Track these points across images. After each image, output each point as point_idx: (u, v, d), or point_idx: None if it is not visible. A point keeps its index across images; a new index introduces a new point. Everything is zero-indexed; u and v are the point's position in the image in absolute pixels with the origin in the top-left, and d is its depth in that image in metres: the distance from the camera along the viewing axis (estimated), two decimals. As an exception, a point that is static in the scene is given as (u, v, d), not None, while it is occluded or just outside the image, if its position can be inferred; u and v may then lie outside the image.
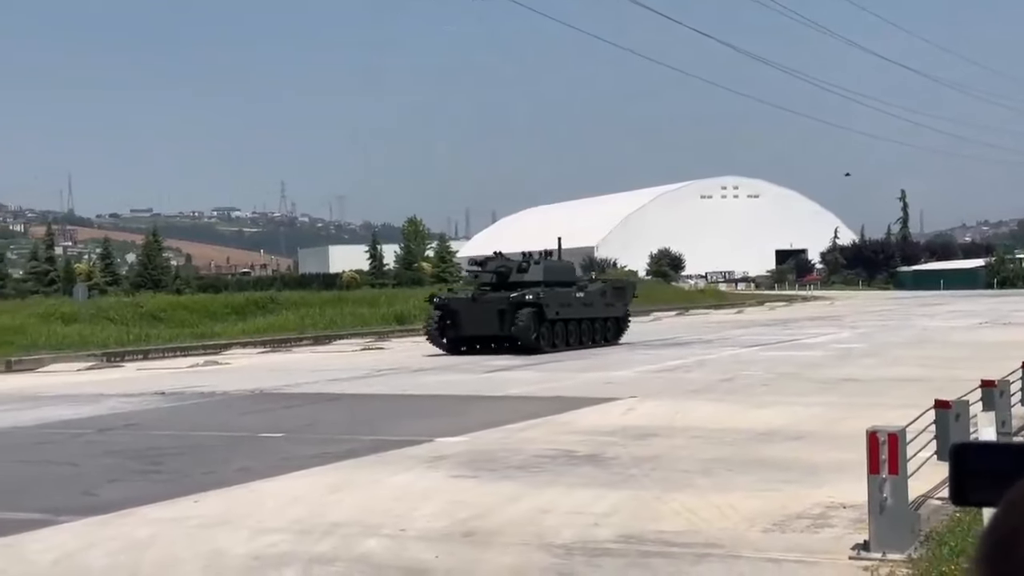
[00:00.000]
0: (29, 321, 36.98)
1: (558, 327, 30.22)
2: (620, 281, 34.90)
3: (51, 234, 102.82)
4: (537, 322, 29.16)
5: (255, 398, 19.91)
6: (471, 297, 30.52)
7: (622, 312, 33.57)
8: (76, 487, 10.97)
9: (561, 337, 30.24)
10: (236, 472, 11.51)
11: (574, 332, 30.92)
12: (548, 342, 29.58)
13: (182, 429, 15.67)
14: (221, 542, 8.30)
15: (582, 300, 31.52)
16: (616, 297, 33.37)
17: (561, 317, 30.25)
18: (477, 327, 29.82)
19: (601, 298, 32.49)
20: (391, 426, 15.22)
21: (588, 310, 31.71)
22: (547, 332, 29.67)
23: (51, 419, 17.20)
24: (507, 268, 31.33)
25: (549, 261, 32.21)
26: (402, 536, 8.38)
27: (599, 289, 33.20)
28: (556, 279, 31.36)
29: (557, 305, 30.03)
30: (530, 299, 29.21)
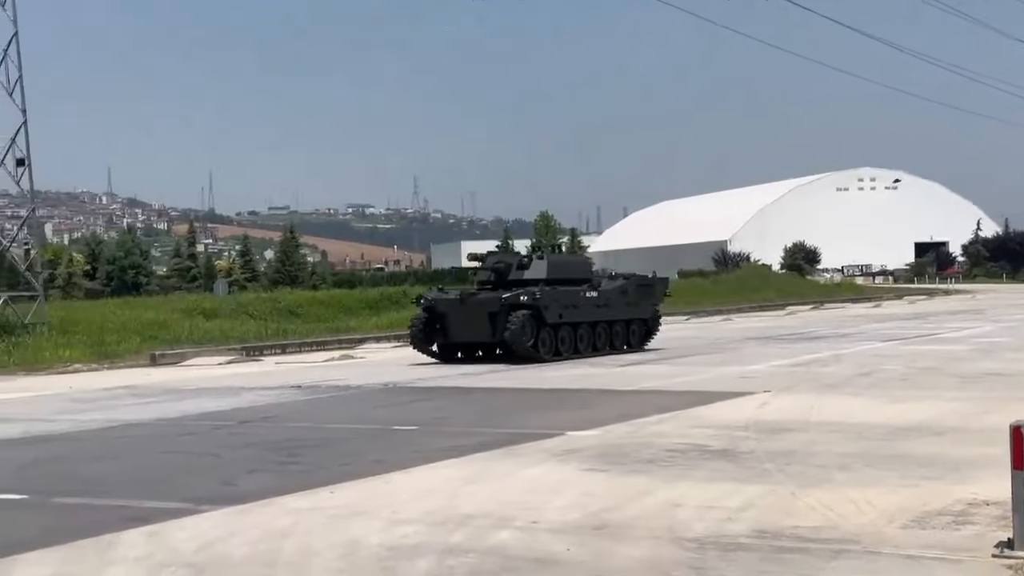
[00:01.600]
0: (172, 316, 38.01)
1: (563, 332, 26.42)
2: (646, 277, 30.63)
3: (193, 232, 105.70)
4: (534, 326, 25.57)
5: (389, 391, 20.17)
6: (459, 298, 26.75)
7: (649, 313, 29.33)
8: (217, 477, 11.25)
9: (568, 343, 26.51)
10: (371, 463, 11.67)
11: (585, 337, 27.02)
12: (549, 349, 25.94)
13: (318, 421, 15.97)
14: (356, 532, 8.43)
15: (594, 300, 27.48)
16: (641, 295, 29.10)
17: (566, 320, 26.42)
18: (466, 332, 26.47)
19: (621, 297, 28.32)
20: (523, 419, 15.28)
21: (603, 311, 27.65)
22: (548, 338, 25.95)
23: (193, 411, 17.66)
24: (506, 265, 27.78)
25: (555, 256, 29.11)
26: (534, 528, 8.40)
27: (617, 287, 28.64)
28: (563, 276, 27.56)
29: (559, 307, 26.29)
30: (524, 300, 25.60)
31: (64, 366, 28.09)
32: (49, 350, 29.73)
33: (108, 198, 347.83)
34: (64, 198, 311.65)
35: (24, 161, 32.85)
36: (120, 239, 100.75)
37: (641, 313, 28.99)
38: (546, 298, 25.89)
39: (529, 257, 28.25)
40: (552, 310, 25.96)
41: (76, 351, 29.94)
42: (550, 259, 28.13)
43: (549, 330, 25.95)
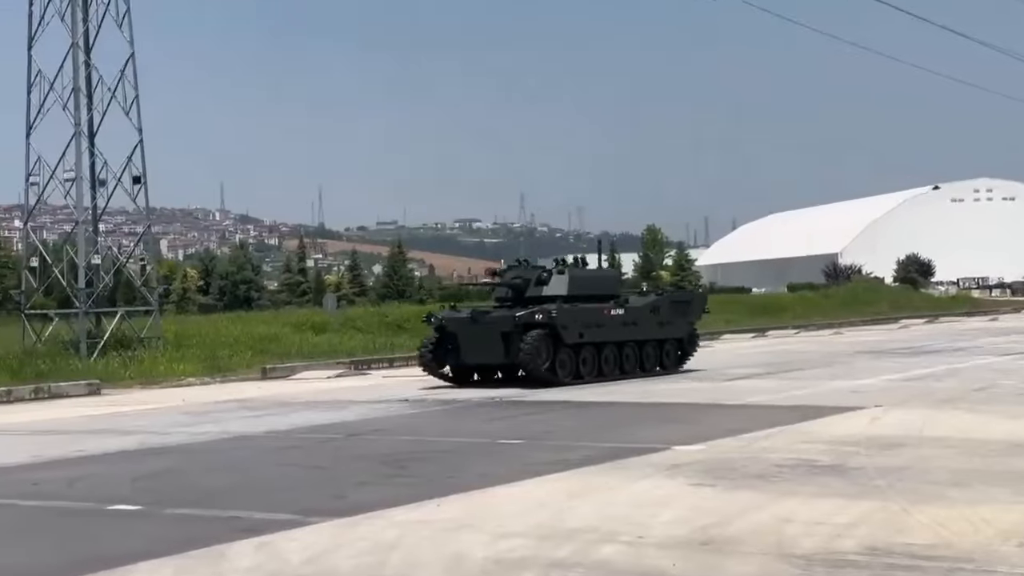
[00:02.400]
0: (283, 331, 38.57)
1: (585, 353, 24.22)
2: (682, 293, 28.62)
3: (303, 247, 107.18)
4: (550, 347, 23.50)
5: (495, 405, 20.22)
6: (470, 316, 24.68)
7: (685, 332, 27.02)
8: (326, 489, 11.37)
9: (590, 365, 24.33)
10: (477, 477, 11.70)
11: (611, 359, 24.81)
12: (569, 372, 23.83)
13: (425, 435, 16.08)
14: (462, 545, 8.45)
15: (620, 319, 25.19)
16: (675, 313, 26.73)
17: (587, 340, 24.19)
18: (478, 353, 24.33)
19: (651, 315, 26.00)
20: (629, 433, 15.20)
21: (630, 331, 25.35)
22: (568, 359, 23.85)
23: (302, 424, 17.89)
24: (524, 280, 25.43)
25: (578, 270, 26.32)
26: (640, 543, 8.34)
27: (648, 304, 26.34)
28: (586, 292, 25.34)
29: (579, 325, 24.07)
30: (539, 318, 23.45)
31: (178, 379, 28.66)
32: (164, 364, 30.36)
33: (221, 214, 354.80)
34: (179, 215, 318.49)
35: (140, 179, 33.62)
36: (232, 254, 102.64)
37: (675, 332, 26.69)
38: (564, 316, 23.72)
39: (548, 272, 25.65)
40: (571, 329, 23.84)
41: (190, 365, 30.53)
42: (572, 273, 25.66)
43: (568, 351, 23.86)
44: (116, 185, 33.58)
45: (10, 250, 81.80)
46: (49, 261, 34.97)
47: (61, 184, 32.76)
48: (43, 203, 35.80)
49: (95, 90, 33.14)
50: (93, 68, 33.13)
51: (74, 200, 32.45)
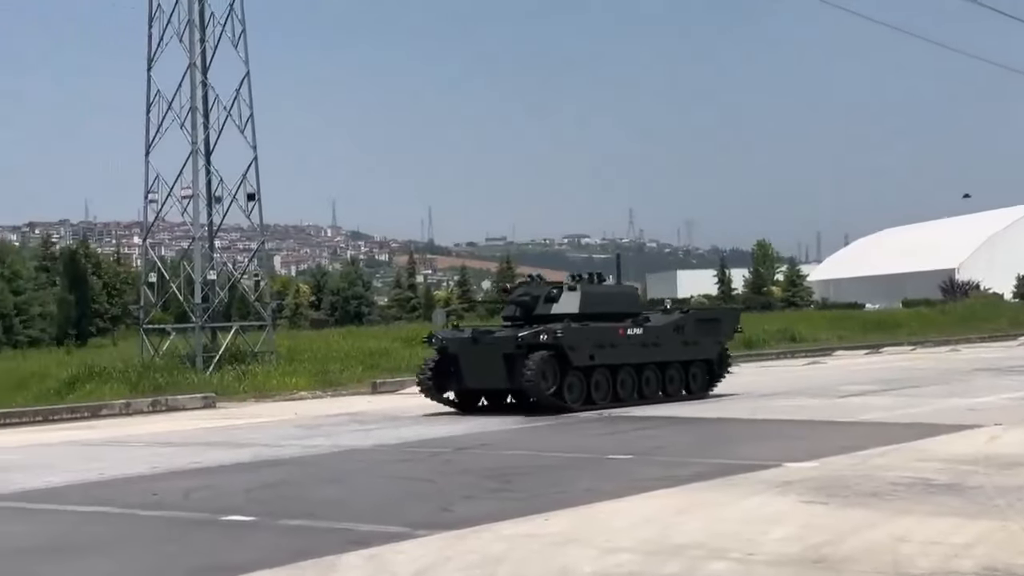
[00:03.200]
0: (393, 345, 38.93)
1: (597, 376, 22.18)
2: (711, 310, 26.79)
3: (413, 263, 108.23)
4: (557, 371, 21.53)
5: (603, 421, 20.16)
6: (471, 337, 22.67)
7: (714, 352, 24.75)
8: (434, 503, 11.43)
9: (604, 390, 22.27)
10: (584, 492, 11.68)
11: (628, 383, 22.71)
12: (578, 397, 21.82)
13: (532, 449, 16.08)
14: (569, 559, 8.43)
15: (639, 339, 23.02)
16: (702, 332, 24.49)
17: (599, 363, 22.16)
18: (480, 377, 22.31)
19: (675, 335, 23.81)
20: (739, 450, 15.04)
21: (650, 352, 23.20)
22: (577, 383, 21.84)
23: (412, 438, 18.03)
24: (532, 298, 23.38)
25: (591, 286, 23.97)
26: (750, 560, 8.24)
27: (670, 323, 24.01)
28: (601, 311, 23.13)
29: (591, 346, 22.03)
30: (544, 339, 21.45)
31: (290, 393, 29.10)
32: (276, 378, 30.85)
33: (333, 231, 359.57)
34: (292, 231, 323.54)
35: (255, 196, 34.27)
36: (344, 270, 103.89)
37: (703, 353, 24.43)
38: (571, 336, 21.68)
39: (559, 288, 23.60)
40: (580, 351, 21.81)
41: (302, 379, 30.99)
42: (584, 290, 23.38)
43: (578, 375, 21.85)
44: (231, 202, 34.30)
45: (129, 266, 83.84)
46: (167, 277, 35.76)
47: (178, 201, 33.55)
48: (161, 220, 36.66)
49: (211, 109, 33.92)
50: (210, 88, 33.92)
51: (191, 217, 33.19)
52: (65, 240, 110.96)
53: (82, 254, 70.30)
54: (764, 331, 51.08)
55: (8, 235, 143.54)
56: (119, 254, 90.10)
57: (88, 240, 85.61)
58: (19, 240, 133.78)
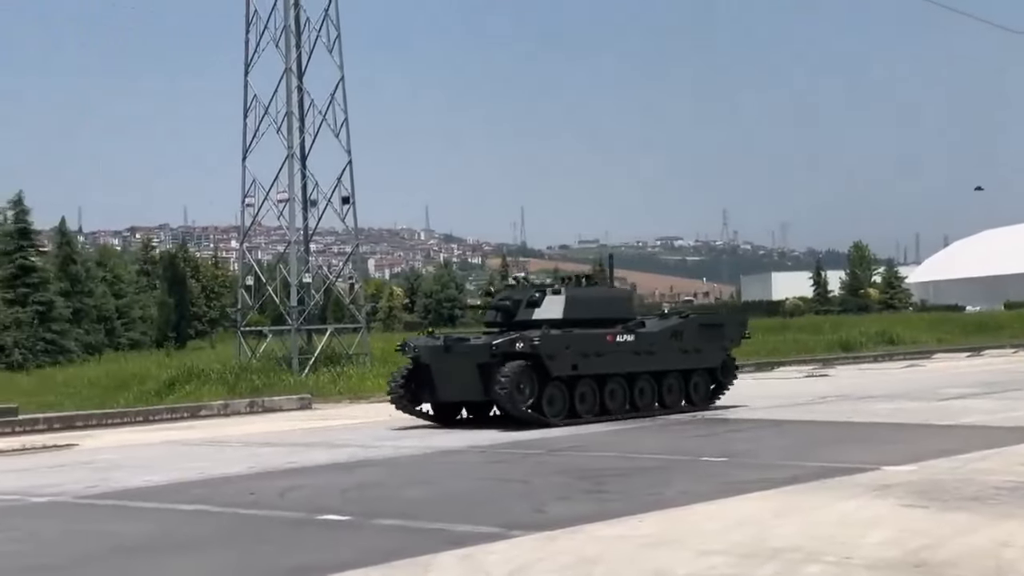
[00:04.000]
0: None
1: (582, 388, 20.36)
2: (712, 315, 24.80)
3: (505, 266, 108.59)
4: (534, 382, 19.74)
5: (696, 423, 20.03)
6: (443, 345, 20.85)
7: (718, 360, 22.69)
8: (527, 503, 11.44)
9: (589, 402, 20.47)
10: (678, 494, 11.61)
11: (618, 394, 20.88)
12: (560, 410, 20.04)
13: (626, 451, 16.01)
14: (663, 561, 8.38)
15: (630, 346, 21.03)
16: (704, 339, 22.42)
17: (583, 373, 20.29)
18: (453, 388, 20.61)
19: (672, 342, 21.79)
20: (835, 453, 14.82)
21: (644, 361, 21.22)
22: (559, 395, 20.04)
23: (504, 439, 18.07)
24: (513, 302, 21.67)
25: (578, 289, 22.22)
26: (847, 563, 8.12)
27: (667, 329, 21.98)
28: (588, 316, 21.34)
29: (574, 355, 20.15)
30: (520, 347, 19.67)
31: (384, 395, 29.25)
32: (371, 379, 31.07)
33: (426, 234, 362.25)
34: (386, 235, 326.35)
35: (349, 199, 34.61)
36: (437, 273, 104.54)
37: (705, 361, 22.50)
38: (550, 344, 19.85)
39: (542, 292, 21.77)
40: (561, 359, 20.00)
41: (396, 381, 31.14)
42: (569, 294, 21.53)
43: (559, 386, 20.08)
44: (326, 206, 34.70)
45: (227, 270, 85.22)
46: (263, 280, 36.21)
47: (275, 205, 34.02)
48: (258, 224, 37.22)
49: (307, 114, 34.34)
50: (305, 92, 34.33)
51: (287, 221, 33.62)
52: (165, 244, 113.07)
53: (181, 258, 71.59)
54: (861, 333, 50.48)
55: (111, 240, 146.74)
56: (217, 258, 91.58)
57: (187, 244, 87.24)
58: (121, 245, 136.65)
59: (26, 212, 48.50)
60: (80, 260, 53.53)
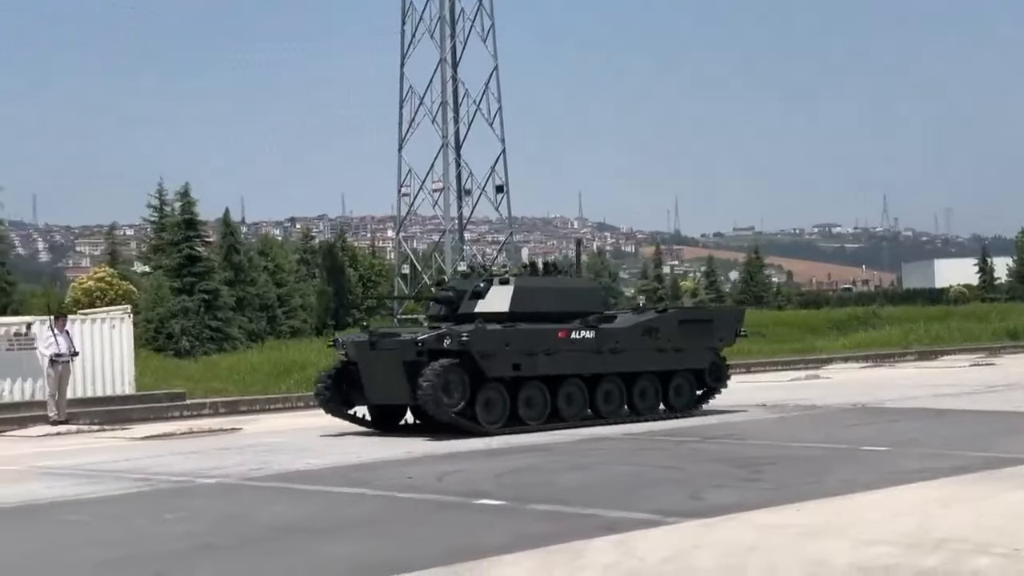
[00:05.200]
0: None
1: (529, 391, 18.01)
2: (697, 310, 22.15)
3: (659, 254, 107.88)
4: (466, 383, 17.43)
5: (856, 412, 19.63)
6: (368, 340, 18.39)
7: (704, 361, 20.15)
8: (682, 491, 11.36)
9: (538, 407, 18.11)
10: (838, 483, 11.38)
11: (576, 398, 18.60)
12: (499, 416, 17.73)
13: (783, 440, 15.78)
14: (823, 550, 8.23)
15: (589, 344, 18.58)
16: (687, 336, 19.85)
17: (527, 374, 17.93)
18: (380, 390, 18.33)
19: (644, 340, 19.29)
20: (1004, 443, 14.36)
21: (608, 360, 18.82)
22: (498, 399, 17.75)
23: (659, 427, 18.01)
24: (457, 293, 19.28)
25: (530, 279, 19.69)
26: (1017, 555, 7.86)
27: (639, 325, 19.43)
28: (543, 309, 18.78)
29: (516, 353, 17.79)
30: (448, 344, 17.34)
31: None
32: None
33: (579, 222, 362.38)
34: (539, 223, 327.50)
35: (503, 188, 34.89)
36: (590, 261, 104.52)
37: (689, 361, 19.93)
38: (484, 340, 17.54)
39: (488, 281, 19.25)
40: (498, 359, 17.63)
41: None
42: (518, 284, 18.93)
43: (498, 388, 17.76)
44: (480, 194, 35.05)
45: (384, 259, 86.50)
46: (419, 268, 36.71)
47: (430, 195, 34.57)
48: (413, 213, 37.81)
49: (461, 103, 34.70)
50: (460, 82, 34.68)
51: (442, 210, 34.08)
52: (324, 234, 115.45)
53: (339, 247, 72.82)
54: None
55: (272, 230, 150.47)
56: (374, 247, 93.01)
57: (345, 234, 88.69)
58: (282, 235, 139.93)
59: (192, 203, 49.95)
60: (243, 250, 54.87)
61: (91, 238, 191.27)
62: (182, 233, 48.66)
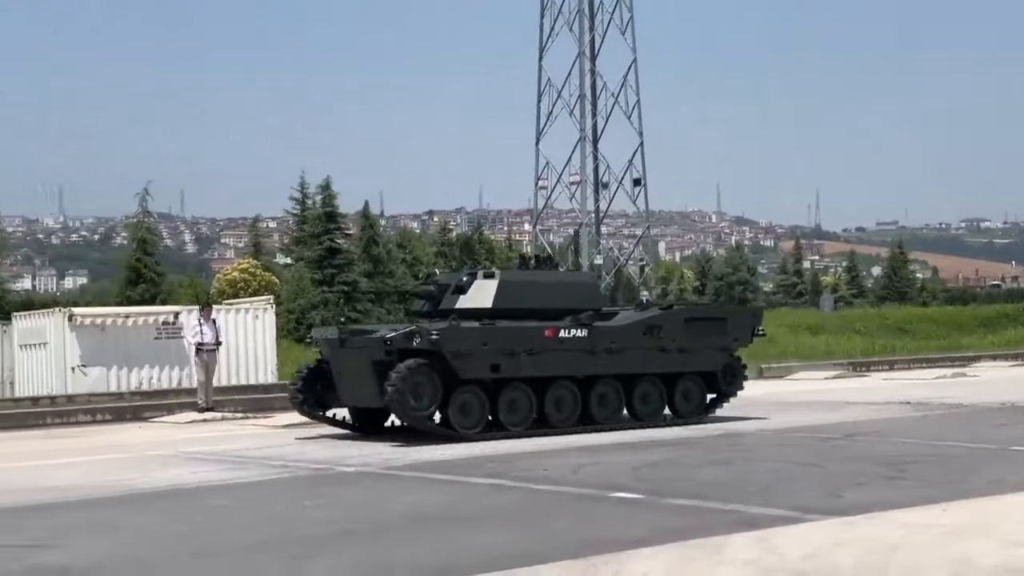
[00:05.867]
0: (778, 331, 38.43)
1: (512, 394, 16.69)
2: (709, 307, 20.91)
3: (799, 248, 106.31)
4: (438, 386, 16.08)
5: (1006, 411, 19.08)
6: (339, 338, 17.08)
7: (716, 363, 18.68)
8: (822, 488, 11.18)
9: (522, 412, 16.80)
10: (987, 483, 11.06)
11: (566, 402, 17.17)
12: (477, 421, 16.44)
13: (927, 438, 15.41)
14: (969, 551, 7.99)
15: (580, 343, 17.16)
16: (695, 336, 18.33)
17: (508, 375, 16.60)
18: (351, 391, 17.07)
19: (646, 339, 17.83)
20: None
21: (603, 362, 17.37)
22: (475, 403, 16.43)
23: (799, 423, 17.72)
24: (439, 288, 18.05)
25: (516, 272, 18.71)
26: None
27: (638, 323, 17.96)
28: (531, 306, 17.41)
29: (494, 353, 16.43)
30: (417, 343, 16.03)
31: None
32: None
33: (717, 216, 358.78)
34: (676, 217, 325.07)
35: (640, 182, 34.77)
36: (728, 256, 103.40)
37: (698, 363, 18.47)
38: (456, 339, 16.20)
39: (472, 275, 17.99)
40: (474, 359, 16.28)
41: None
42: (504, 278, 17.67)
43: (474, 391, 16.42)
44: (618, 188, 34.95)
45: (520, 252, 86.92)
46: (556, 261, 36.79)
47: (566, 188, 34.61)
48: (550, 207, 37.86)
49: (599, 96, 34.63)
50: (598, 75, 34.62)
51: (578, 203, 34.08)
52: (461, 227, 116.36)
53: (476, 240, 73.41)
54: None
55: (410, 223, 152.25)
56: (511, 240, 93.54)
57: (482, 227, 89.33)
58: (420, 227, 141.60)
59: (333, 197, 50.85)
60: (382, 242, 55.68)
61: (236, 230, 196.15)
62: (323, 226, 49.55)
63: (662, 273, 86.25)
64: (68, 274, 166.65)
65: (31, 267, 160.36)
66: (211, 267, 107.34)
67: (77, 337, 24.35)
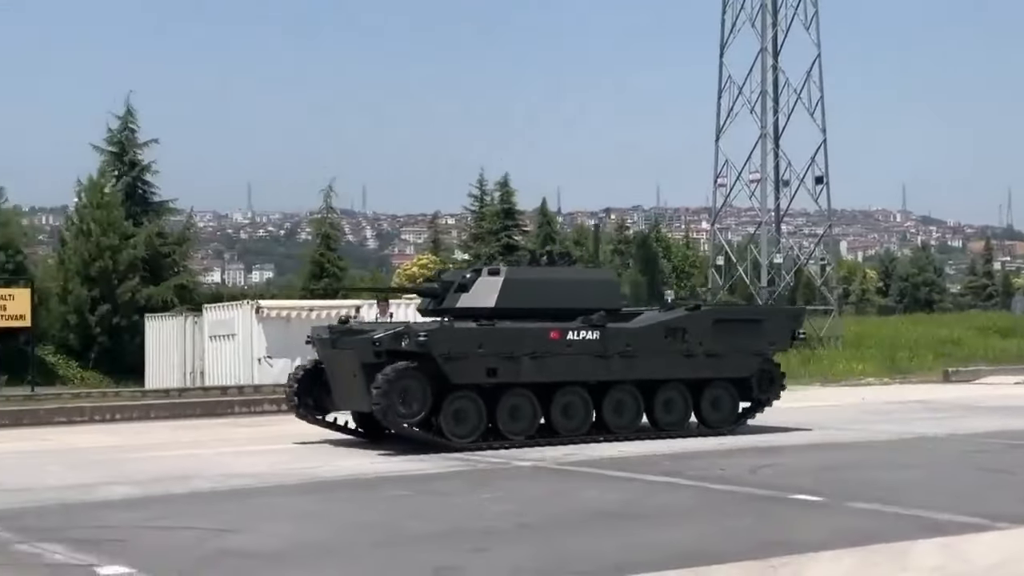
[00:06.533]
0: (966, 334, 37.38)
1: (511, 399, 15.33)
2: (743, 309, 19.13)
3: (989, 249, 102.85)
4: (428, 391, 14.82)
5: None
6: (331, 339, 15.97)
7: (750, 368, 16.96)
8: (1013, 495, 10.85)
9: (525, 420, 15.45)
10: None
11: (577, 409, 15.80)
12: (472, 429, 15.12)
13: None
14: None
15: (592, 347, 15.74)
16: (726, 339, 16.73)
17: (507, 380, 15.26)
18: (344, 394, 15.91)
19: (668, 342, 16.33)
20: None
21: (617, 366, 15.92)
22: (471, 410, 15.13)
23: (989, 428, 17.16)
24: (443, 285, 16.85)
25: (523, 269, 17.86)
26: None
27: (659, 325, 16.47)
28: (540, 305, 16.07)
29: (490, 356, 15.08)
30: (406, 344, 14.81)
31: (856, 379, 28.71)
32: (842, 363, 30.54)
33: (902, 215, 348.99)
34: (859, 216, 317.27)
35: (823, 179, 34.08)
36: (913, 256, 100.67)
37: (729, 369, 16.82)
38: (447, 340, 14.94)
39: (478, 272, 16.71)
40: (468, 362, 14.99)
41: (868, 365, 30.46)
42: (509, 276, 16.31)
43: (469, 397, 15.15)
44: (799, 186, 34.33)
45: (697, 250, 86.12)
46: (733, 260, 36.38)
47: (746, 186, 34.11)
48: (729, 205, 37.41)
49: (781, 93, 34.07)
50: (780, 71, 34.07)
51: (758, 201, 33.59)
52: (638, 225, 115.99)
53: (653, 238, 73.09)
54: None
55: (587, 220, 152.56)
56: (688, 238, 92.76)
57: (659, 225, 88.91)
58: (597, 225, 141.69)
59: (511, 193, 51.30)
60: (559, 239, 55.94)
61: (415, 226, 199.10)
62: (501, 222, 50.02)
63: (844, 273, 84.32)
64: (255, 268, 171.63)
65: (220, 261, 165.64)
66: (391, 262, 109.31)
67: (263, 329, 25.11)
